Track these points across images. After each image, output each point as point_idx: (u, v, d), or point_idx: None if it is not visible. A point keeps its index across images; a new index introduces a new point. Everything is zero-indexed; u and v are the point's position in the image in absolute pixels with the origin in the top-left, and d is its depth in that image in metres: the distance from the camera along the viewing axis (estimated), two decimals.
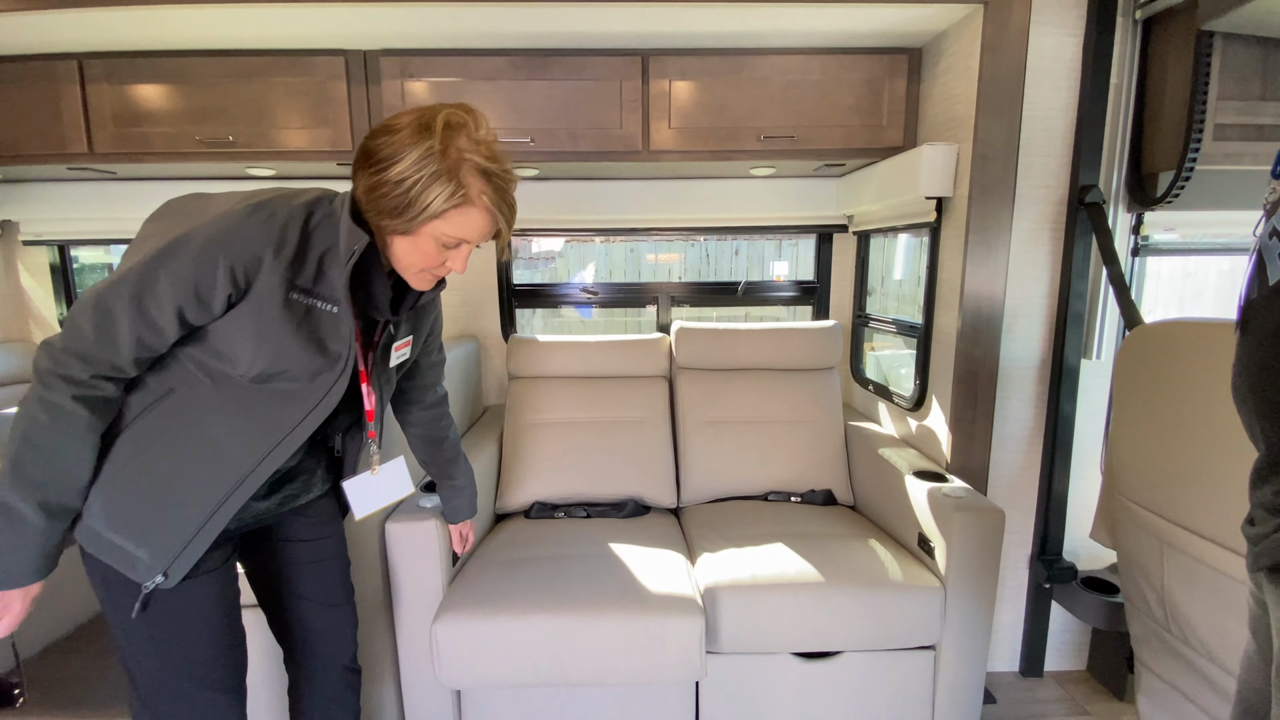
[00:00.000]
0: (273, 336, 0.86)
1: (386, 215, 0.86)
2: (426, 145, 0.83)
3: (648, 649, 1.33)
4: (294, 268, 0.86)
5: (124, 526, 0.88)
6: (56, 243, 2.27)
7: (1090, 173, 1.58)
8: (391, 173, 0.83)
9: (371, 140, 0.86)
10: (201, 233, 0.81)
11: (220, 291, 0.82)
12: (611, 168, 1.93)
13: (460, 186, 0.84)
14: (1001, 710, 1.67)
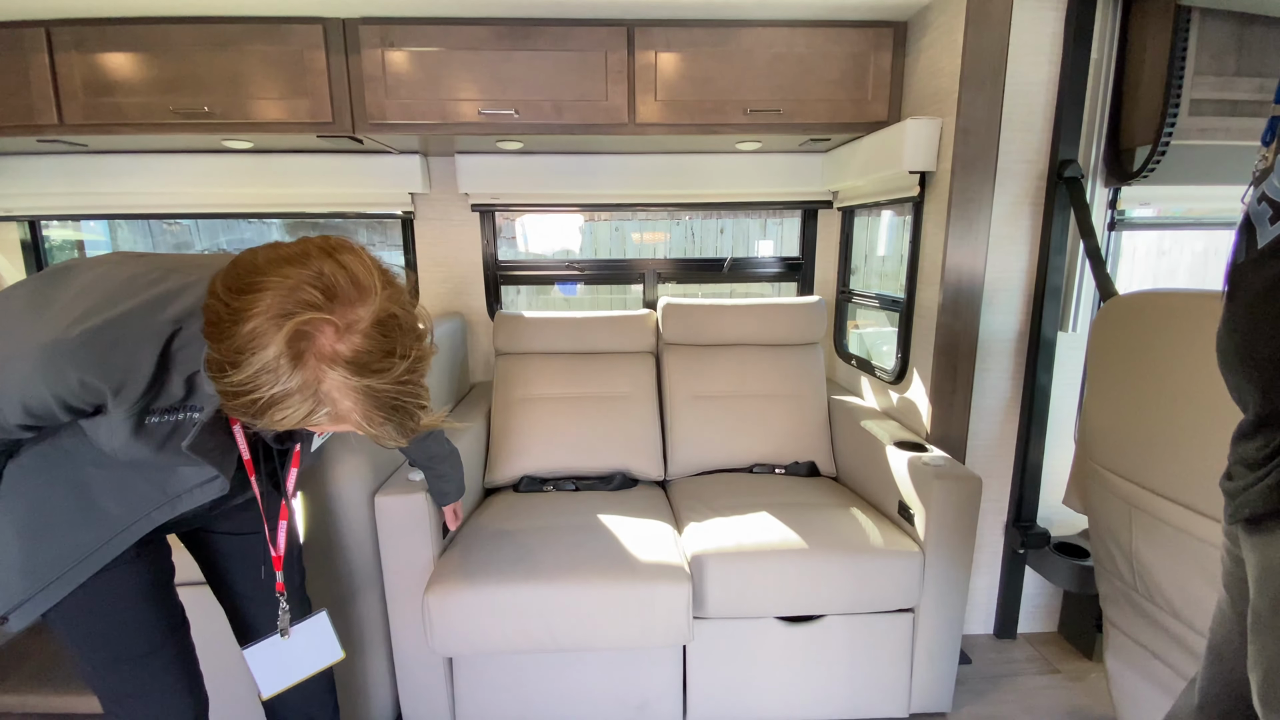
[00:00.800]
0: (132, 453, 0.76)
1: (241, 415, 0.65)
2: (274, 352, 0.60)
3: (636, 615, 1.36)
4: (149, 396, 0.72)
5: None
6: (27, 218, 2.21)
7: (1070, 147, 1.60)
8: (235, 377, 0.61)
9: (213, 318, 0.63)
10: (24, 363, 0.68)
11: (61, 416, 0.73)
12: (597, 142, 1.92)
13: (323, 404, 0.64)
14: (976, 670, 1.73)
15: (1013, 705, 1.61)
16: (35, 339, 0.68)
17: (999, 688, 1.67)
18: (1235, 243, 0.69)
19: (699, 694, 1.49)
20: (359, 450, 1.37)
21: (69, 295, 0.71)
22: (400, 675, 1.46)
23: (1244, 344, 0.66)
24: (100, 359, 0.68)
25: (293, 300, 0.61)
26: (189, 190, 2.10)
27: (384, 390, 0.64)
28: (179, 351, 0.72)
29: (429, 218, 2.20)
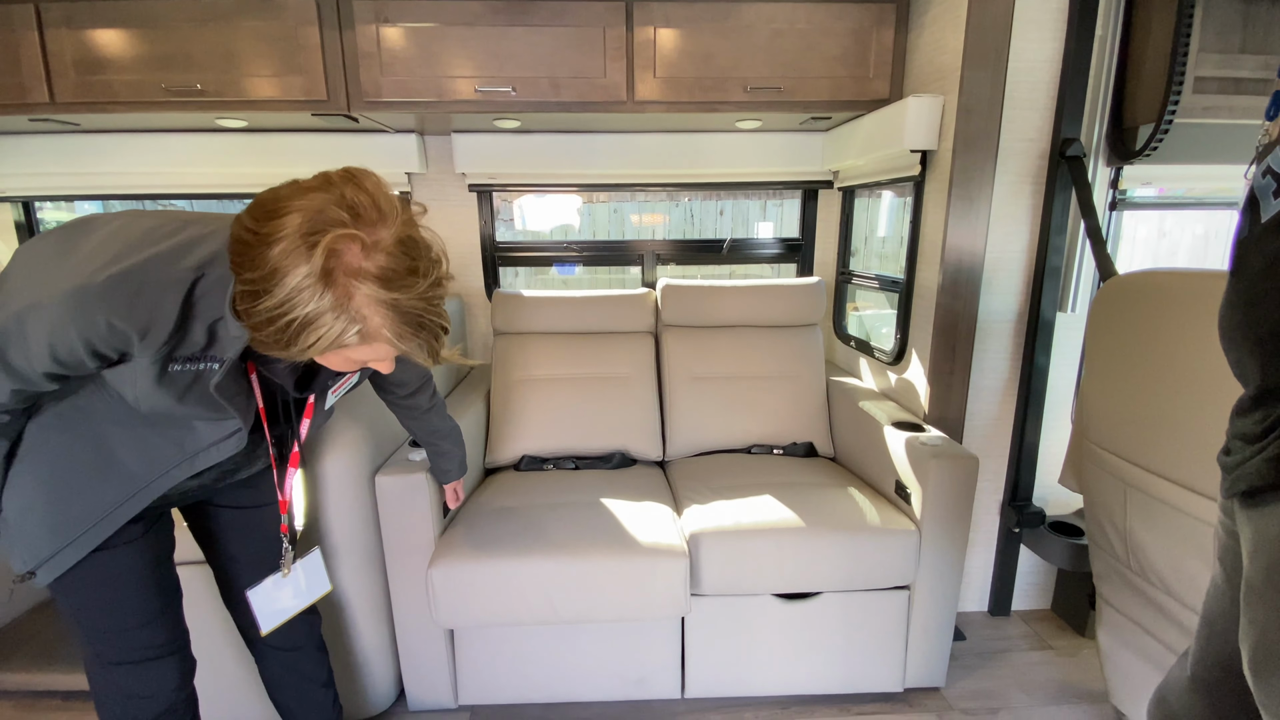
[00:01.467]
0: (154, 402, 0.77)
1: (270, 347, 0.68)
2: (303, 272, 0.62)
3: (635, 588, 1.38)
4: (172, 343, 0.73)
5: (10, 517, 0.87)
6: (20, 199, 2.20)
7: (1072, 126, 1.58)
8: (266, 302, 0.63)
9: (240, 247, 0.66)
10: (53, 306, 0.69)
11: (89, 362, 0.73)
12: (595, 120, 1.90)
13: (354, 322, 0.65)
14: (970, 646, 1.76)
15: (1006, 680, 1.64)
16: (62, 284, 0.69)
17: (992, 663, 1.70)
18: (1240, 218, 0.69)
19: (697, 669, 1.52)
20: (360, 429, 1.37)
21: (91, 245, 0.73)
22: (402, 651, 1.48)
23: (1246, 318, 0.66)
24: (127, 303, 0.69)
25: (320, 220, 0.63)
26: (183, 170, 2.09)
27: (410, 306, 0.67)
28: (201, 299, 0.73)
29: (425, 198, 2.19)
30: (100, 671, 0.97)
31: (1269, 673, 0.64)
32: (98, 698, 0.99)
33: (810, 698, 1.57)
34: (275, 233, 0.63)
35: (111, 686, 0.98)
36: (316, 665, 1.21)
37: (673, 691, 1.54)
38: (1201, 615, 0.84)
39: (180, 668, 1.02)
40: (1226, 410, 0.74)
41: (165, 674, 1.00)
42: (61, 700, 1.59)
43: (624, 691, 1.52)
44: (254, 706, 1.45)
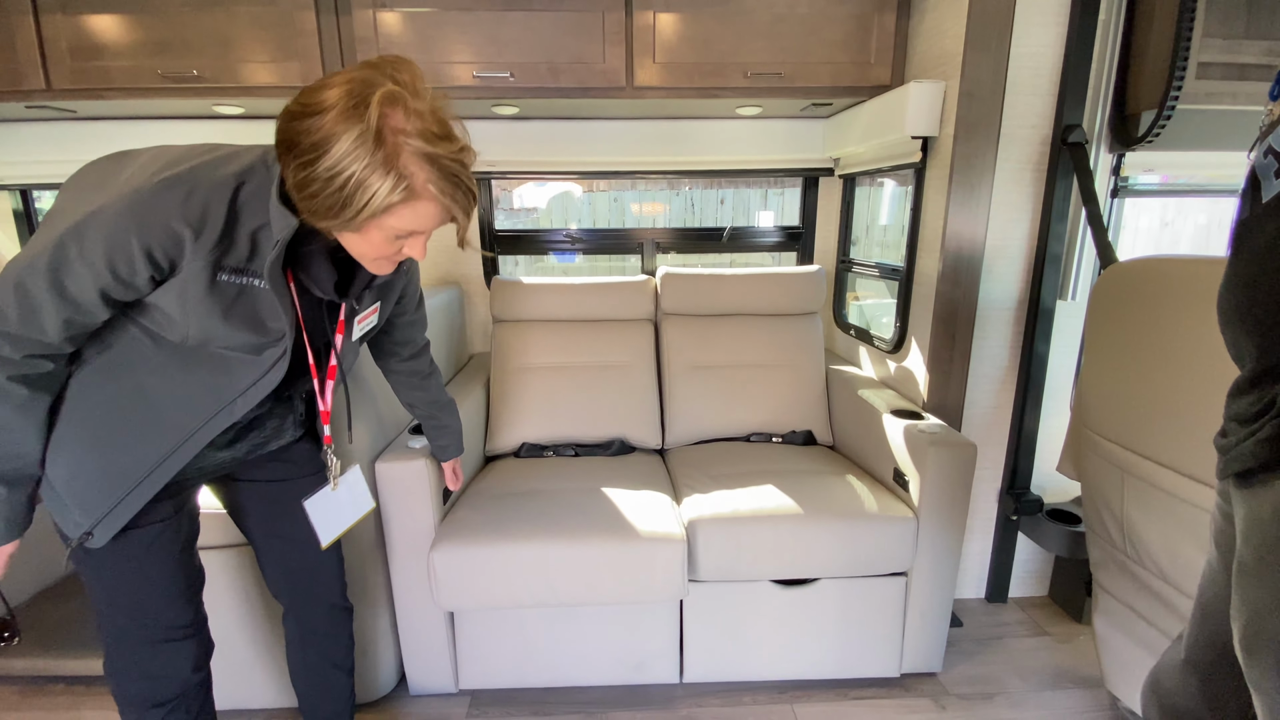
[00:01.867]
0: (201, 318, 0.80)
1: (322, 215, 0.75)
2: (358, 131, 0.69)
3: (633, 572, 1.39)
4: (221, 248, 0.78)
5: (58, 479, 0.87)
6: (18, 187, 2.19)
7: (1075, 111, 1.57)
8: (319, 168, 0.70)
9: (290, 124, 0.72)
10: (112, 209, 0.73)
11: (141, 272, 0.76)
12: (594, 106, 1.89)
13: (402, 178, 0.72)
14: (967, 632, 1.77)
15: (1002, 666, 1.65)
16: (118, 191, 0.74)
17: (989, 649, 1.71)
18: (1240, 200, 0.68)
19: (695, 654, 1.53)
20: (359, 417, 1.37)
21: (136, 164, 0.78)
22: (403, 637, 1.50)
23: (1244, 299, 0.66)
24: (181, 203, 0.74)
25: (365, 88, 0.70)
26: None
27: (449, 163, 0.74)
28: (244, 206, 0.78)
29: None
30: (122, 651, 0.99)
31: (1260, 651, 0.65)
32: (116, 678, 1.00)
33: (807, 683, 1.58)
34: (326, 101, 0.70)
35: (132, 666, 0.99)
36: (345, 653, 1.24)
37: (671, 676, 1.55)
38: (1196, 598, 0.85)
39: (199, 650, 1.04)
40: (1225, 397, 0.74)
41: (185, 655, 1.02)
42: (65, 685, 1.60)
43: (623, 676, 1.54)
44: (264, 689, 1.47)
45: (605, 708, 1.52)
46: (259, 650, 1.42)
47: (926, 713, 1.51)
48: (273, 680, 1.45)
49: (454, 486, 1.43)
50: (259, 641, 1.42)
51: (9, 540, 0.86)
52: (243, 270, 0.81)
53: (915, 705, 1.53)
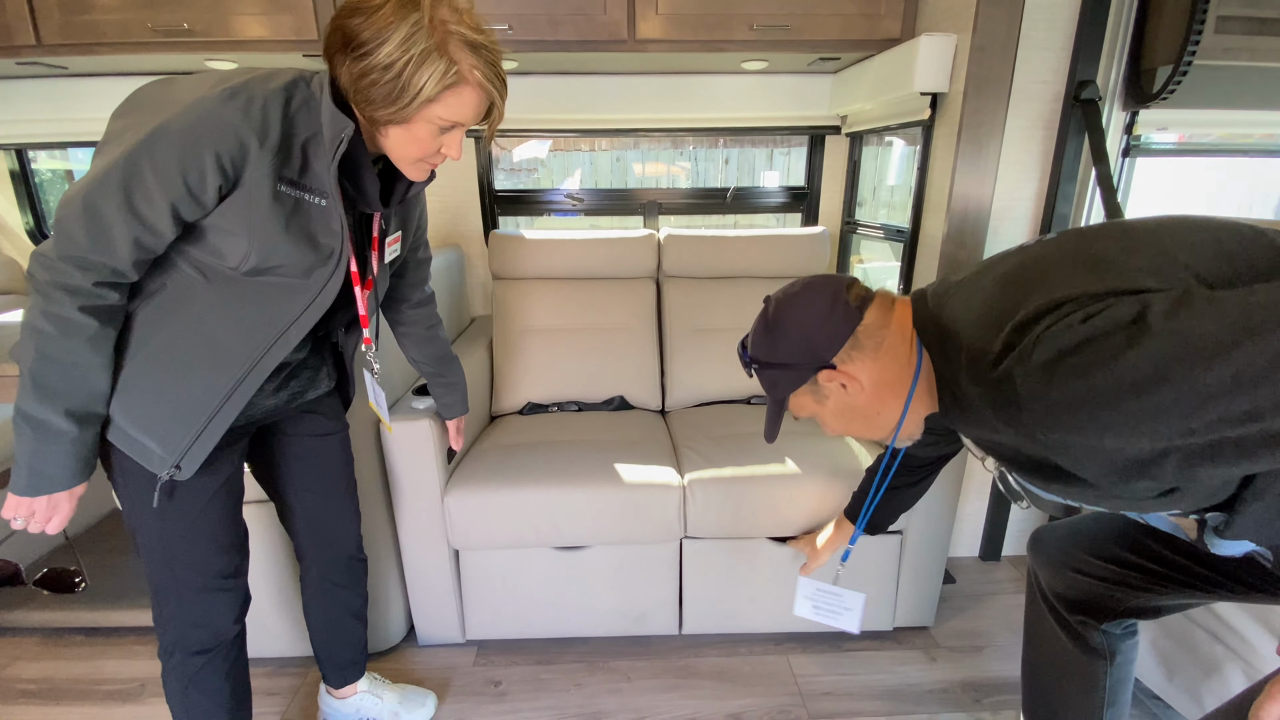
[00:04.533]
0: (264, 231, 0.83)
1: (378, 105, 0.81)
2: (413, 20, 0.76)
3: (633, 515, 1.45)
4: (280, 157, 0.82)
5: (136, 419, 0.90)
6: (13, 146, 2.16)
7: (1089, 67, 1.53)
8: (379, 56, 0.77)
9: (348, 20, 0.78)
10: (180, 121, 0.76)
11: (210, 182, 0.79)
12: (596, 60, 1.84)
13: (452, 64, 0.79)
14: (960, 589, 1.82)
15: (992, 621, 1.70)
16: (181, 105, 0.77)
17: (980, 605, 1.76)
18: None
19: (694, 607, 1.57)
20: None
21: (182, 85, 0.81)
22: (411, 591, 1.54)
23: None
24: (243, 111, 0.78)
25: None
26: None
27: (489, 50, 0.82)
28: (295, 116, 0.83)
29: None
30: (170, 599, 1.02)
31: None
32: (163, 626, 1.04)
33: (802, 635, 1.63)
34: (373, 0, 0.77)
35: (180, 614, 1.03)
36: (361, 604, 1.31)
37: (670, 628, 1.60)
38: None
39: (240, 601, 1.08)
40: None
41: (228, 605, 1.05)
42: (84, 636, 1.67)
43: (623, 627, 1.59)
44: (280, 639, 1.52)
45: (607, 657, 1.58)
46: (276, 602, 1.47)
47: (917, 664, 1.56)
48: (288, 630, 1.50)
49: (457, 446, 1.45)
50: (277, 593, 1.46)
51: (81, 481, 0.88)
52: (296, 183, 0.85)
53: (906, 657, 1.58)
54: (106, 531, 2.02)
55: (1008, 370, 0.62)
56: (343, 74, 0.81)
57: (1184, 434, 0.54)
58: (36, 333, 0.80)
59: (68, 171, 2.59)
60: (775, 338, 0.86)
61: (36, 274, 0.79)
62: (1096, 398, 0.56)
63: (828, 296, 0.84)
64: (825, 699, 1.46)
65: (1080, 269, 0.63)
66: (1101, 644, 1.05)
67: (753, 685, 1.50)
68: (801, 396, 0.88)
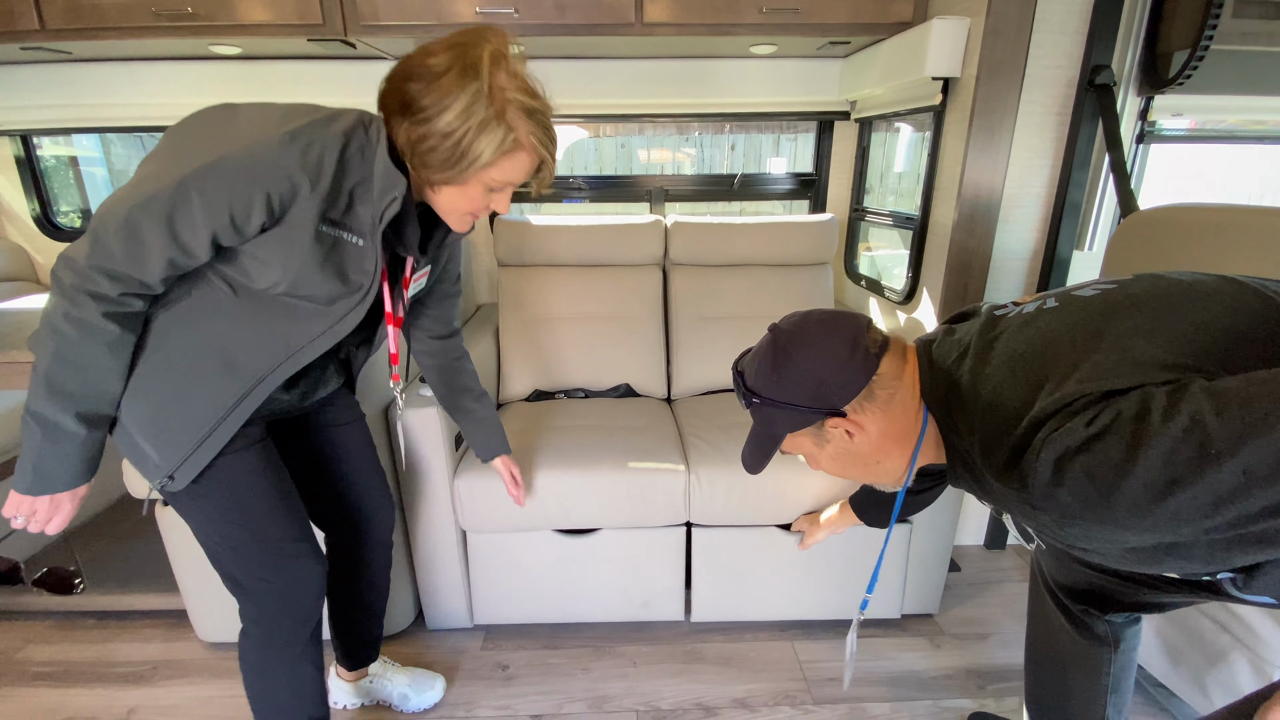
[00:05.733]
0: (299, 264, 0.85)
1: (435, 168, 0.84)
2: (474, 90, 0.78)
3: (640, 498, 1.46)
4: (327, 201, 0.83)
5: (140, 423, 0.90)
6: (19, 132, 2.16)
7: (1104, 52, 1.50)
8: (438, 124, 0.79)
9: (407, 84, 0.80)
10: (239, 158, 0.77)
11: (256, 219, 0.80)
12: (602, 45, 1.82)
13: (510, 131, 0.81)
14: (964, 577, 1.82)
15: (996, 609, 1.71)
16: (243, 140, 0.78)
17: (985, 593, 1.76)
18: None
19: (702, 594, 1.58)
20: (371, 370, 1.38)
21: (245, 119, 0.82)
22: (420, 576, 1.55)
23: None
24: (301, 155, 0.79)
25: (473, 52, 0.79)
26: (181, 101, 2.03)
27: (541, 114, 0.85)
28: (349, 162, 0.83)
29: None
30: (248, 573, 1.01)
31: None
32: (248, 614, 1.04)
33: (808, 622, 1.64)
34: (439, 65, 0.78)
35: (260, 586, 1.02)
36: (383, 590, 1.32)
37: (677, 614, 1.61)
38: None
39: (318, 564, 1.06)
40: None
41: (307, 572, 1.04)
42: (96, 620, 1.69)
43: (630, 614, 1.60)
44: None
45: (613, 642, 1.59)
46: None
47: (921, 650, 1.57)
48: None
49: (516, 494, 1.39)
50: None
51: (85, 481, 0.88)
52: (338, 223, 0.86)
53: (911, 644, 1.59)
54: (114, 519, 2.03)
55: (1022, 471, 0.62)
56: (400, 135, 0.83)
57: (1205, 531, 0.54)
58: (56, 334, 0.80)
59: (72, 158, 2.58)
60: (784, 376, 0.80)
61: (63, 277, 0.79)
62: (1111, 501, 0.56)
63: (847, 341, 0.79)
64: (830, 685, 1.47)
65: (1089, 356, 0.62)
66: (1105, 632, 1.05)
67: (758, 671, 1.51)
68: (800, 437, 0.84)
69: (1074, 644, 1.07)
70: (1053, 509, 0.61)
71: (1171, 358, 0.60)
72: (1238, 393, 0.53)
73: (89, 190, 2.66)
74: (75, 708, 1.42)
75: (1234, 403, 0.52)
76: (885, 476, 0.86)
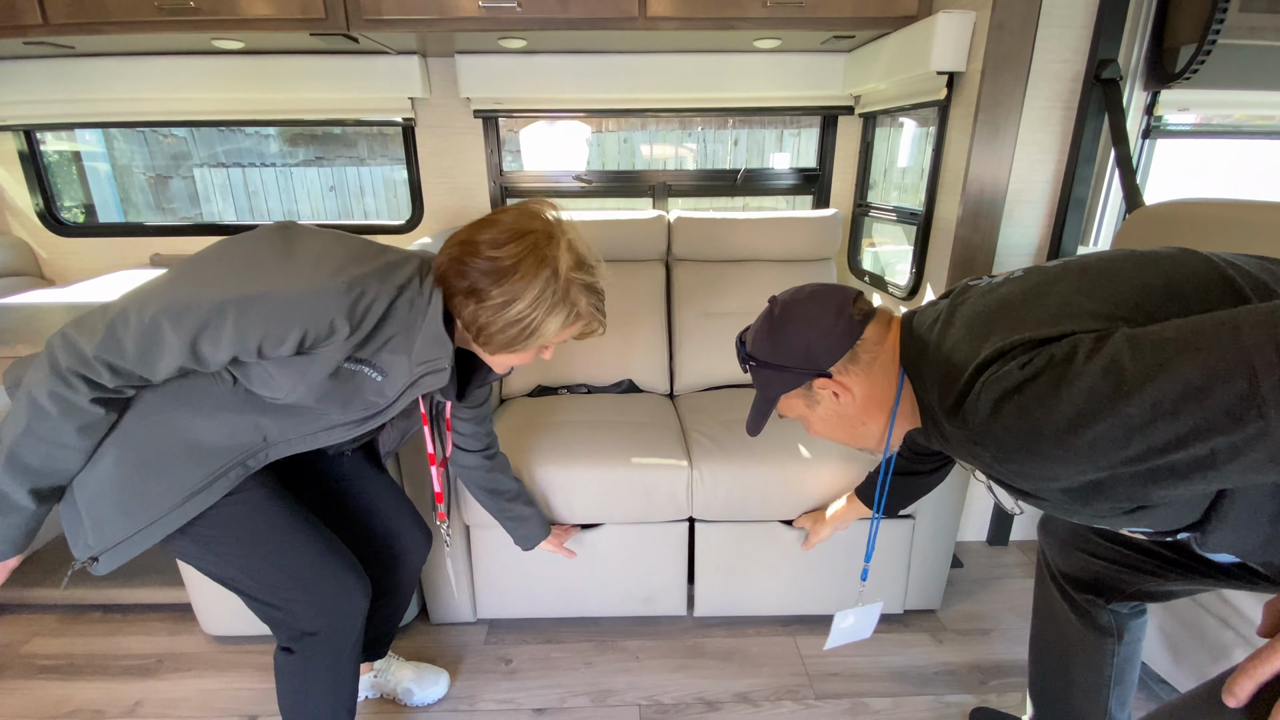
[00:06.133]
0: (308, 389, 0.85)
1: (498, 346, 0.87)
2: (545, 277, 0.82)
3: (643, 493, 1.46)
4: (361, 344, 0.84)
5: (83, 495, 0.86)
6: (22, 127, 2.16)
7: (1110, 45, 1.49)
8: (509, 313, 0.83)
9: (475, 273, 0.82)
10: (288, 296, 0.76)
11: (284, 350, 0.79)
12: (605, 39, 1.81)
13: (573, 307, 0.87)
14: (967, 573, 1.82)
15: (998, 604, 1.71)
16: (298, 277, 0.78)
17: (987, 589, 1.76)
18: None
19: (705, 589, 1.58)
20: None
21: (314, 251, 0.81)
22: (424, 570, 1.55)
23: None
24: (353, 304, 0.79)
25: (545, 241, 0.84)
26: (184, 96, 2.04)
27: (598, 285, 0.91)
28: (393, 314, 0.84)
29: (430, 125, 2.13)
30: (288, 593, 0.98)
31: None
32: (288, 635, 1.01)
33: (811, 617, 1.64)
34: (509, 258, 0.81)
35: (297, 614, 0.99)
36: (405, 606, 1.34)
37: (679, 609, 1.61)
38: None
39: (359, 578, 1.03)
40: None
41: (354, 587, 1.02)
42: (102, 613, 1.69)
43: (632, 609, 1.60)
44: None
45: (616, 636, 1.60)
46: None
47: (924, 646, 1.57)
48: None
49: (565, 551, 1.45)
50: None
51: (20, 553, 0.85)
52: (365, 361, 0.86)
53: (913, 639, 1.59)
54: None
55: (965, 411, 0.68)
56: (464, 313, 0.86)
57: (1123, 463, 0.58)
58: (35, 409, 0.77)
59: (75, 153, 2.59)
60: (777, 340, 0.88)
61: (61, 359, 0.76)
62: (1039, 434, 0.61)
63: (833, 308, 0.86)
64: (832, 680, 1.47)
65: (1034, 312, 0.68)
66: (1109, 622, 1.05)
67: (760, 666, 1.51)
68: (793, 399, 0.91)
69: (1077, 634, 1.08)
70: (991, 445, 0.66)
71: (1106, 310, 0.65)
72: (1152, 336, 0.58)
73: (92, 185, 2.66)
74: (81, 700, 1.43)
75: (1147, 344, 0.57)
76: (869, 440, 0.92)
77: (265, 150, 4.86)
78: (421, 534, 1.25)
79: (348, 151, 4.83)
